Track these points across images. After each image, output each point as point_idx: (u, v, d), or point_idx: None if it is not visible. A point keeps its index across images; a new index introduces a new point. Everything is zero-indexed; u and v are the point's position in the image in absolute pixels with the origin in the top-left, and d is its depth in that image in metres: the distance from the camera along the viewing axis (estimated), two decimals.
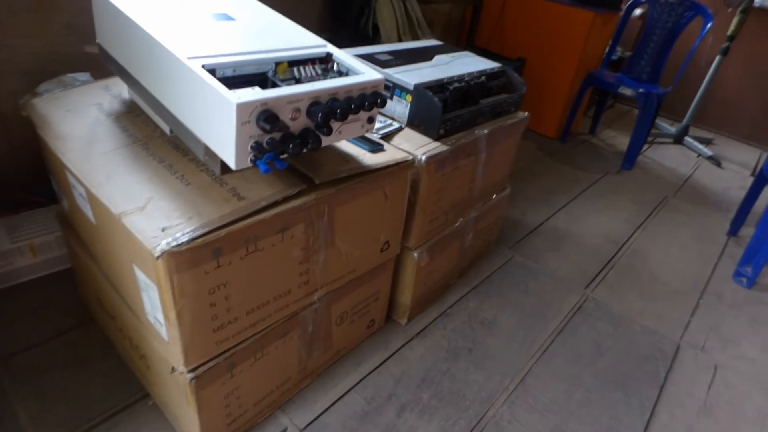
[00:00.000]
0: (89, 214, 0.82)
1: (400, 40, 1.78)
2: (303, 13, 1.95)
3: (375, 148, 0.96)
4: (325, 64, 0.84)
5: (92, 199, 0.77)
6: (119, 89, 0.99)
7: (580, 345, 1.28)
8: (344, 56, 0.84)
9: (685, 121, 2.79)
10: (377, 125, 1.10)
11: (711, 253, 1.78)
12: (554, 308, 1.39)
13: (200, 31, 0.77)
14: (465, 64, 1.29)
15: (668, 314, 1.44)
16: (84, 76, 1.24)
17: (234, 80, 0.73)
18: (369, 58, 1.21)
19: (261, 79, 0.76)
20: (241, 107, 0.62)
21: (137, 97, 0.91)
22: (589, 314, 1.39)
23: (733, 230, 1.93)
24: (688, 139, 2.79)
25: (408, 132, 1.12)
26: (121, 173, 0.77)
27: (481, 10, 2.59)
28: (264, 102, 0.65)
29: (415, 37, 1.84)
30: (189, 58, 0.69)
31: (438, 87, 1.13)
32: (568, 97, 2.50)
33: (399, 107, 1.14)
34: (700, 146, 2.72)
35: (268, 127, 0.65)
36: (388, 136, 1.08)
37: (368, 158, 0.92)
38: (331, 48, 0.86)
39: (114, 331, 1.01)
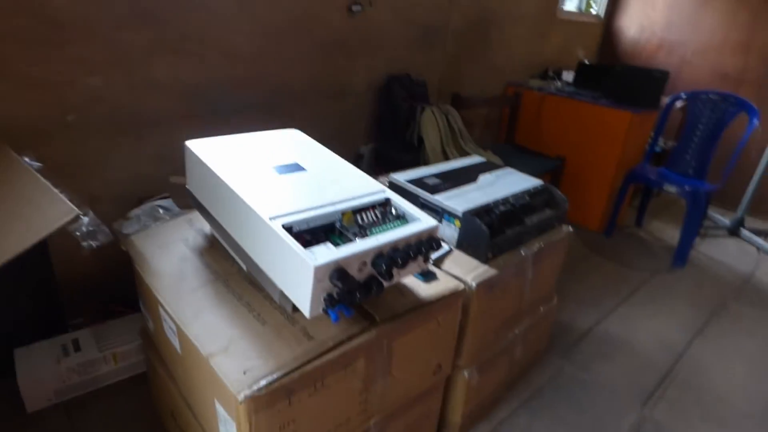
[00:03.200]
0: (176, 344, 0.92)
1: (443, 150, 1.92)
2: (354, 125, 2.15)
3: (428, 277, 1.04)
4: (383, 208, 0.95)
5: (181, 335, 0.87)
6: (201, 224, 1.13)
7: None
8: (400, 201, 0.95)
9: (740, 212, 2.73)
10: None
11: None
12: (611, 431, 1.35)
13: (278, 185, 0.90)
14: (508, 183, 1.38)
15: None
16: (167, 202, 1.41)
17: (308, 233, 0.84)
18: (419, 182, 1.33)
19: (329, 228, 0.87)
20: (318, 269, 0.72)
21: (218, 235, 1.04)
22: None
23: None
24: (744, 231, 2.71)
25: (457, 255, 1.19)
26: (207, 311, 0.88)
27: (518, 111, 2.74)
28: (337, 262, 0.74)
29: (458, 147, 1.98)
30: (270, 218, 0.80)
31: (484, 211, 1.22)
32: (610, 192, 2.54)
33: (448, 230, 1.23)
34: (759, 239, 2.64)
35: (339, 284, 0.74)
36: (438, 260, 1.16)
37: (423, 289, 0.99)
38: (389, 193, 0.97)
39: None
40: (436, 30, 2.34)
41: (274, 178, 0.93)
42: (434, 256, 1.17)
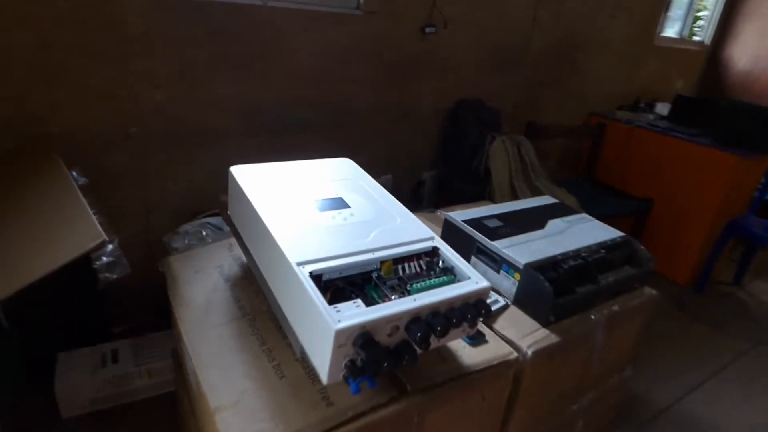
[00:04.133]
0: (193, 382, 0.86)
1: (511, 184, 1.77)
2: (418, 150, 2.05)
3: (476, 340, 0.90)
4: (429, 258, 0.83)
5: (196, 377, 0.80)
6: (239, 252, 1.08)
7: None
8: (449, 253, 0.83)
9: None
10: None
11: None
12: None
13: (315, 224, 0.81)
14: (582, 232, 1.21)
15: None
16: (217, 219, 1.39)
17: (341, 281, 0.74)
18: (478, 224, 1.19)
19: (366, 278, 0.77)
20: (340, 333, 0.62)
21: (252, 268, 0.97)
22: None
23: None
24: None
25: (514, 312, 1.05)
26: (225, 354, 0.81)
27: (601, 144, 2.51)
28: (363, 325, 0.64)
29: (528, 182, 1.81)
30: (298, 264, 0.72)
31: (550, 265, 1.06)
32: (705, 243, 2.23)
33: (506, 283, 1.09)
34: None
35: (363, 353, 0.63)
36: (491, 317, 1.02)
37: (468, 354, 0.86)
38: (437, 242, 0.85)
39: None
40: (515, 53, 2.20)
41: (313, 214, 0.85)
42: (495, 308, 1.03)
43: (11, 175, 1.06)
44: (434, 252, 0.84)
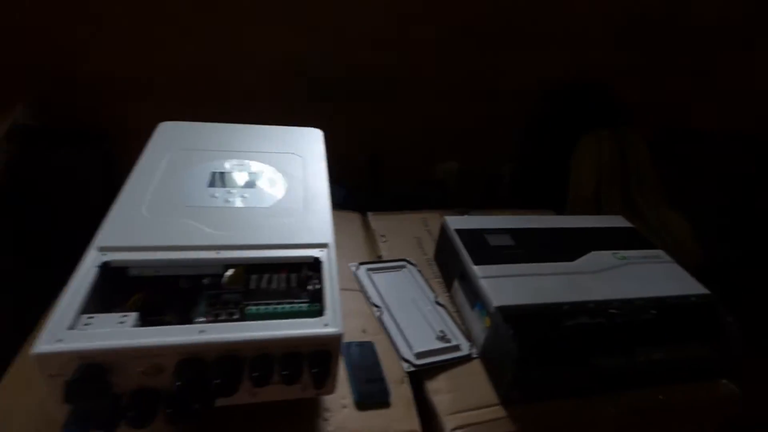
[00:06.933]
0: None
1: (597, 195, 1.33)
2: (498, 137, 1.69)
3: (369, 398, 0.64)
4: (301, 275, 0.60)
5: None
6: None
7: None
8: (329, 273, 0.58)
9: None
10: (431, 345, 0.76)
11: None
12: None
13: (182, 203, 0.64)
14: (634, 277, 0.81)
15: None
16: None
17: (159, 284, 0.56)
18: (476, 238, 0.87)
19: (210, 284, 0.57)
20: (42, 358, 0.44)
21: None
22: None
23: None
24: None
25: (473, 369, 0.74)
26: None
27: None
28: (85, 353, 0.45)
29: (625, 196, 1.35)
30: (101, 248, 0.55)
31: (544, 314, 0.72)
32: None
33: (477, 326, 0.77)
34: None
35: (83, 396, 0.44)
36: (439, 369, 0.73)
37: (344, 419, 0.61)
38: (327, 253, 0.61)
39: None
40: (661, 23, 1.65)
41: (197, 190, 0.68)
42: (438, 358, 0.74)
43: None
44: (316, 265, 0.60)
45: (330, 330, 0.50)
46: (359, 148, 1.54)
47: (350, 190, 1.47)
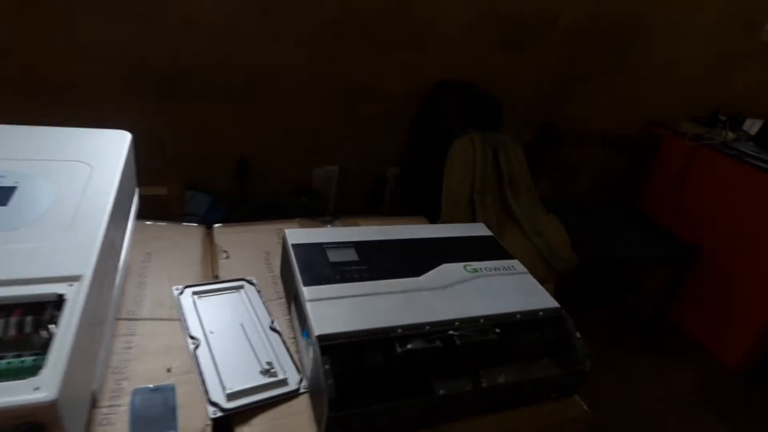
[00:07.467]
0: None
1: (471, 200, 1.29)
2: (382, 141, 1.62)
3: None
4: (41, 315, 0.46)
5: None
6: None
7: None
8: (70, 319, 0.45)
9: None
10: (252, 381, 0.65)
11: None
12: None
13: None
14: (484, 292, 0.75)
15: None
16: None
17: None
18: (315, 253, 0.78)
19: None
20: None
21: None
22: None
23: None
24: None
25: (301, 407, 0.64)
26: None
27: (652, 163, 1.91)
28: None
29: (501, 198, 1.32)
30: None
31: (376, 342, 0.63)
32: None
33: (306, 357, 0.68)
34: None
35: None
36: (258, 409, 0.62)
37: None
38: (72, 292, 0.47)
39: None
40: (531, 27, 1.68)
41: None
42: (261, 397, 0.63)
43: None
44: (60, 304, 0.46)
45: (39, 396, 0.38)
46: (227, 151, 1.40)
47: (217, 197, 1.33)
